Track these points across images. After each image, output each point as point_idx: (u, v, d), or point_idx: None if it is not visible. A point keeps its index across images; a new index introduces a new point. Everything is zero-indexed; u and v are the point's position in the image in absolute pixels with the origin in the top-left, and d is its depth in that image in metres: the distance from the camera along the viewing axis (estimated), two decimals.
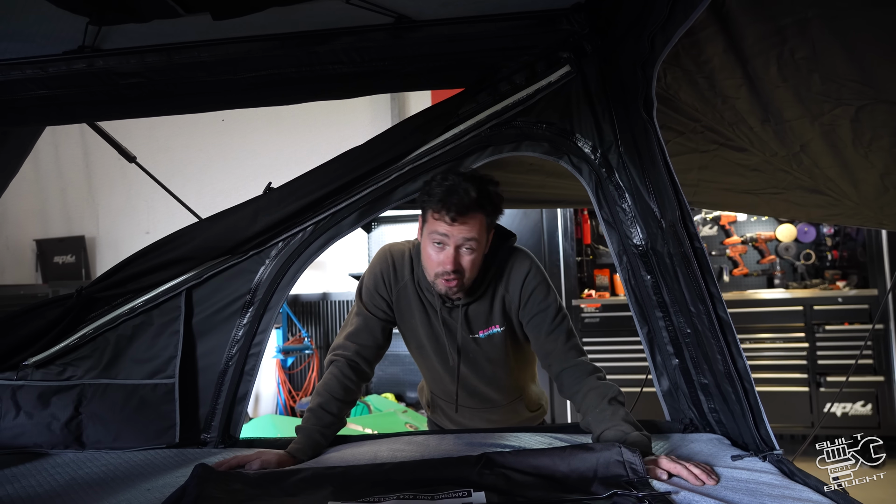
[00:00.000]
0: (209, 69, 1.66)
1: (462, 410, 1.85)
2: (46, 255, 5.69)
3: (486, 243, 1.55)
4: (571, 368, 1.55)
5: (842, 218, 2.32)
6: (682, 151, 1.92)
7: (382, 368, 5.33)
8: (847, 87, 1.31)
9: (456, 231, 1.48)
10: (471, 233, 1.48)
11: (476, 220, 1.49)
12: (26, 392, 1.69)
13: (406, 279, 1.67)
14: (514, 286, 1.62)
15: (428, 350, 1.73)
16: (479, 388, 1.77)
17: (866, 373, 4.12)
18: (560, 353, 1.58)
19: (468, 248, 1.50)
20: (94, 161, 5.88)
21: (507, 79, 1.68)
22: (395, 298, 1.69)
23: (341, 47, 1.61)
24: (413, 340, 1.76)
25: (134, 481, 1.39)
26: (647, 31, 1.30)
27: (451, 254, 1.50)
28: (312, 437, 1.53)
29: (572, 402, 1.54)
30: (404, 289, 1.68)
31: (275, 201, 1.68)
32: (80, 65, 1.63)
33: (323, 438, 1.56)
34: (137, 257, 1.69)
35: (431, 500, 1.12)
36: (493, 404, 1.83)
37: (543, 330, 1.60)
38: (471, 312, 1.65)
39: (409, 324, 1.72)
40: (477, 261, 1.53)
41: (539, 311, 1.61)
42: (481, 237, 1.51)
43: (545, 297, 1.62)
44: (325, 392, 1.59)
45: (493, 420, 1.85)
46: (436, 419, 2.00)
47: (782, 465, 1.26)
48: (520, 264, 1.63)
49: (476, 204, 1.46)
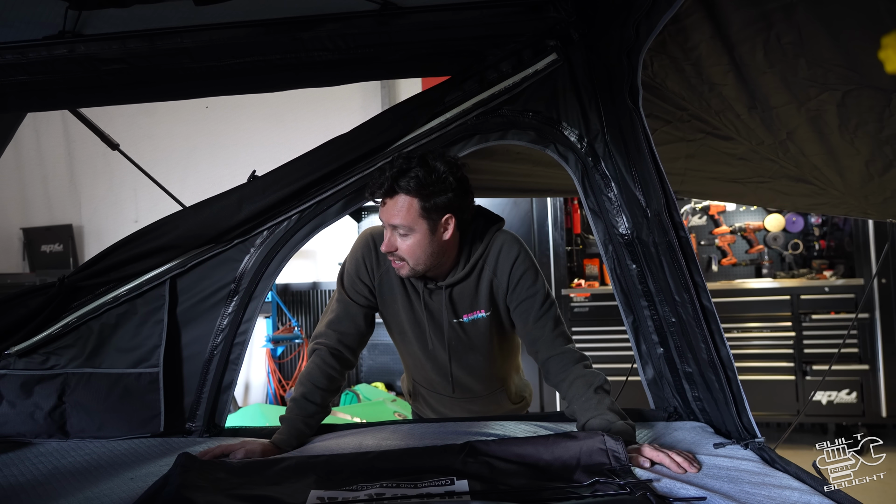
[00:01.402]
0: (192, 55, 1.64)
1: (441, 399, 1.85)
2: (34, 243, 5.64)
3: (433, 231, 1.49)
4: (558, 356, 1.54)
5: (827, 207, 2.34)
6: (668, 140, 1.92)
7: (372, 357, 5.34)
8: (833, 72, 1.31)
9: (383, 214, 1.48)
10: (394, 218, 1.45)
11: (399, 203, 1.45)
12: (9, 381, 1.68)
13: (388, 263, 1.63)
14: (503, 270, 1.60)
15: (409, 335, 1.71)
16: (459, 377, 1.75)
17: (851, 361, 4.16)
18: (547, 340, 1.57)
19: (400, 233, 1.47)
20: (76, 148, 5.81)
21: (494, 67, 1.66)
22: (378, 283, 1.67)
23: (326, 34, 1.59)
24: (395, 326, 1.74)
25: (118, 470, 1.39)
26: (631, 18, 1.30)
27: (388, 236, 1.49)
28: (296, 427, 1.53)
29: (558, 389, 1.54)
30: (386, 273, 1.65)
31: (259, 189, 1.67)
32: (61, 50, 1.60)
33: (307, 428, 1.55)
34: (121, 246, 1.68)
35: (415, 487, 1.12)
36: (473, 394, 1.82)
37: (531, 316, 1.59)
38: (455, 294, 1.63)
39: (391, 309, 1.70)
40: (416, 247, 1.49)
41: (527, 297, 1.59)
42: (412, 223, 1.46)
43: (534, 282, 1.60)
44: (308, 382, 1.58)
45: (473, 411, 1.83)
46: (418, 408, 2.00)
47: (763, 453, 1.27)
48: (508, 248, 1.60)
49: (393, 186, 1.43)
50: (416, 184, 1.42)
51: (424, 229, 1.47)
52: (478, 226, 1.62)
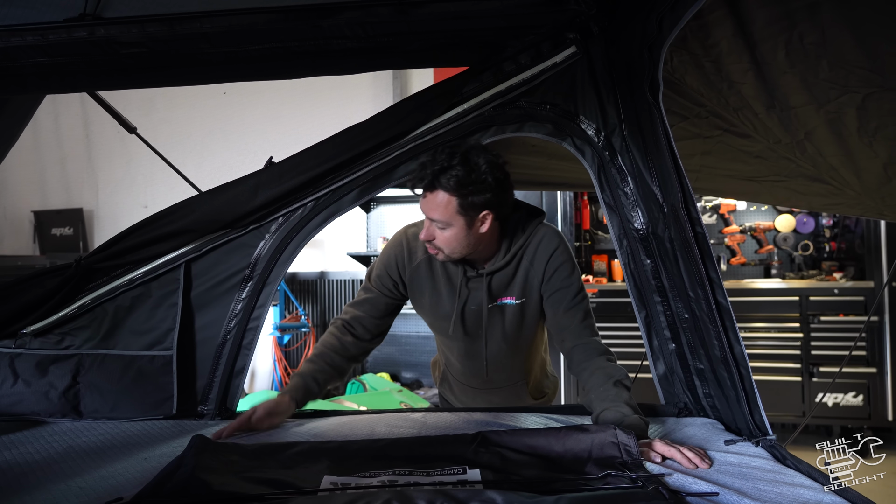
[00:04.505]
0: (212, 41, 1.63)
1: (465, 388, 1.89)
2: (44, 226, 5.67)
3: (469, 226, 1.53)
4: (583, 345, 1.59)
5: (843, 207, 2.32)
6: (685, 136, 1.91)
7: (378, 348, 5.34)
8: (855, 74, 1.30)
9: (423, 206, 1.53)
10: (433, 212, 1.51)
11: (438, 199, 1.49)
12: (24, 360, 1.69)
13: (420, 258, 1.71)
14: (540, 260, 1.65)
15: (444, 323, 1.76)
16: (483, 366, 1.79)
17: (859, 364, 4.14)
18: (575, 329, 1.62)
19: (438, 226, 1.53)
20: (94, 132, 5.84)
21: (513, 58, 1.66)
22: (409, 279, 1.74)
23: (345, 22, 1.59)
24: (430, 315, 1.80)
25: (131, 451, 1.40)
26: (655, 12, 1.29)
27: (427, 226, 1.55)
28: (305, 381, 1.61)
29: (579, 378, 1.57)
30: (418, 267, 1.72)
31: (276, 176, 1.67)
32: (81, 33, 1.60)
33: (315, 385, 1.62)
34: (137, 228, 1.69)
35: (427, 476, 1.13)
36: (495, 384, 1.86)
37: (563, 306, 1.63)
38: (494, 281, 1.68)
39: (425, 298, 1.76)
40: (452, 239, 1.54)
41: (561, 287, 1.64)
42: (450, 219, 1.51)
43: (570, 274, 1.66)
44: (321, 346, 1.68)
45: (493, 402, 1.87)
46: (443, 392, 2.07)
47: (775, 451, 1.27)
48: (548, 240, 1.66)
49: (433, 182, 1.48)
50: (455, 182, 1.46)
51: (461, 224, 1.53)
52: (520, 217, 1.68)
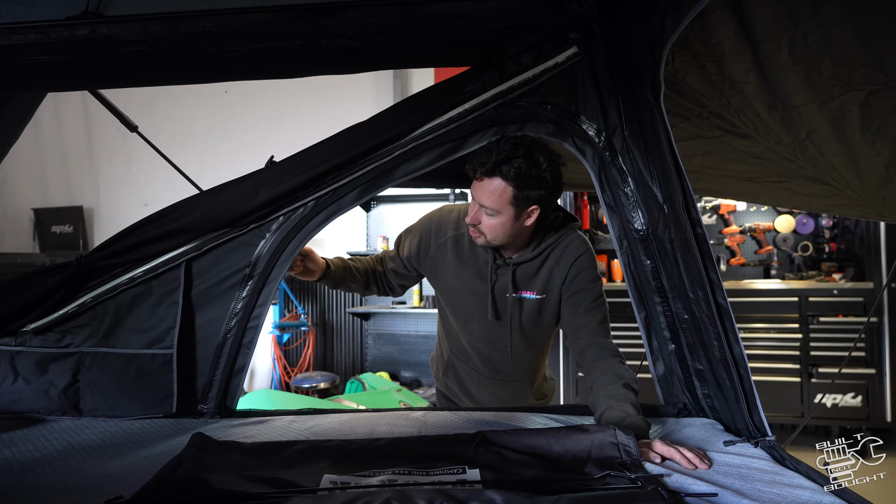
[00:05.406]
0: (213, 39, 1.64)
1: (472, 374, 1.93)
2: (44, 224, 5.68)
3: (517, 217, 1.60)
4: (598, 344, 1.62)
5: (843, 209, 2.33)
6: (686, 137, 1.91)
7: (377, 347, 5.36)
8: (858, 72, 1.30)
9: (476, 191, 1.58)
10: (485, 199, 1.56)
11: (493, 186, 1.55)
12: (24, 358, 1.69)
13: (448, 235, 1.80)
14: (566, 261, 1.72)
15: (463, 305, 1.82)
16: (494, 355, 1.84)
17: (858, 365, 4.15)
18: (592, 329, 1.66)
19: (487, 212, 1.59)
20: (95, 130, 5.84)
21: (514, 58, 1.66)
22: (431, 260, 1.86)
23: (347, 21, 1.59)
24: (448, 296, 1.87)
25: (131, 449, 1.41)
26: (657, 12, 1.29)
27: (475, 209, 1.61)
28: (331, 261, 1.95)
29: (588, 375, 1.59)
30: (443, 245, 1.81)
31: (277, 175, 1.67)
32: (83, 31, 1.60)
33: (333, 266, 1.96)
34: (137, 227, 1.69)
35: (426, 475, 1.13)
36: (502, 376, 1.89)
37: (583, 306, 1.69)
38: (518, 272, 1.74)
39: (448, 274, 1.83)
40: (498, 227, 1.61)
41: (583, 289, 1.70)
42: (501, 207, 1.57)
43: (593, 279, 1.72)
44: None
45: (497, 395, 1.89)
46: (445, 383, 2.08)
47: (774, 452, 1.27)
48: (578, 245, 1.74)
49: (494, 168, 1.53)
50: (515, 173, 1.53)
51: (510, 214, 1.60)
52: (556, 218, 1.76)
